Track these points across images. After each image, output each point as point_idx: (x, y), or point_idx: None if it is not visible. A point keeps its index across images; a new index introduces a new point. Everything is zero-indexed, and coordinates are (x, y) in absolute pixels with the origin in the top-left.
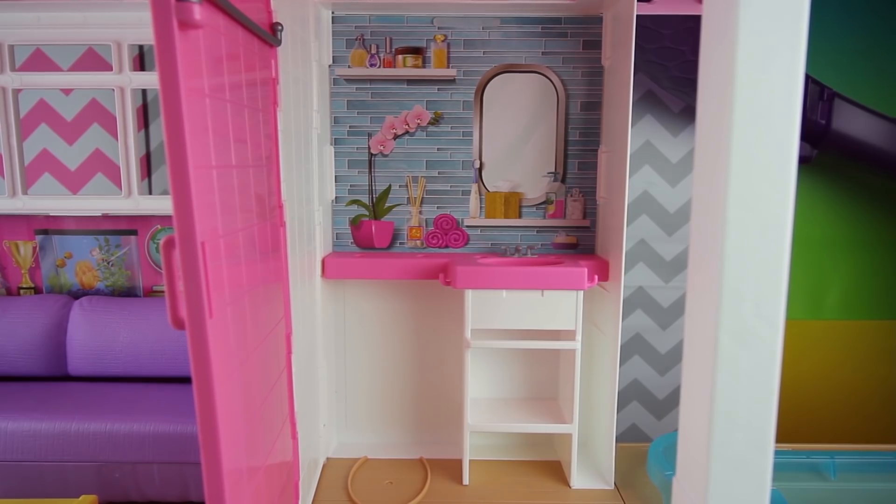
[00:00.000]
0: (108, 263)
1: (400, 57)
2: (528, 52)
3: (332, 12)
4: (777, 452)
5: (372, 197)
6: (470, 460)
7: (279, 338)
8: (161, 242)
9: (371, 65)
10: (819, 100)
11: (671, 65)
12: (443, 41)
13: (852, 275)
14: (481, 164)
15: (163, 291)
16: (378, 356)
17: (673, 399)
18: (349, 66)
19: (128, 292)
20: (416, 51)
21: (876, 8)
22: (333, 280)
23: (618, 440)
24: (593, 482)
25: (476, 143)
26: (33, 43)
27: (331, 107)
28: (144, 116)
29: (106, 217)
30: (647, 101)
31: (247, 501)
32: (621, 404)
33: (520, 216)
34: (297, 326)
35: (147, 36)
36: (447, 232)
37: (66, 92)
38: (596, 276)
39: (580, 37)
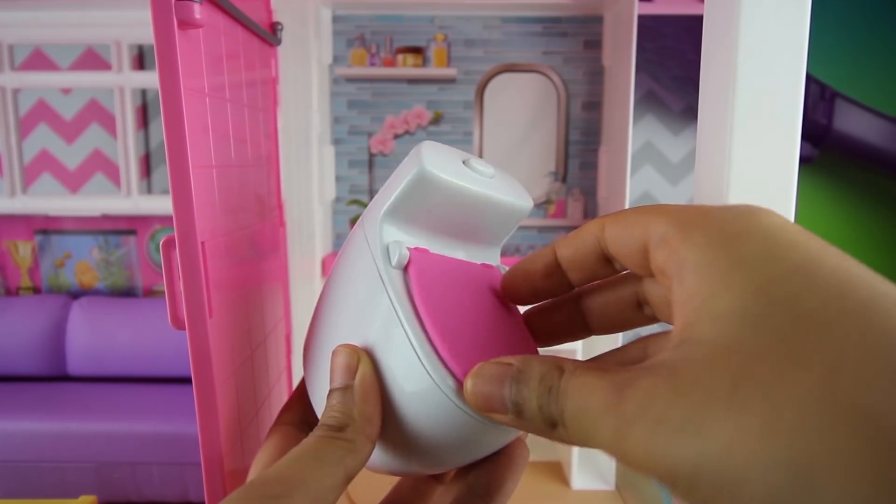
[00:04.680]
0: (108, 263)
1: (400, 56)
2: (529, 51)
3: (333, 11)
4: None
5: (372, 197)
6: None
7: (279, 338)
8: (161, 242)
9: (371, 64)
10: (820, 99)
11: (672, 64)
12: (443, 41)
13: None
14: None
15: (162, 291)
16: None
17: None
18: (349, 66)
19: (127, 292)
20: (417, 50)
21: (879, 6)
22: None
23: None
24: (594, 483)
25: (476, 143)
26: (32, 43)
27: (331, 107)
28: (144, 116)
29: (105, 217)
30: (648, 100)
31: None
32: None
33: None
34: (297, 327)
35: (147, 35)
36: None
37: (66, 91)
38: None
39: (581, 36)
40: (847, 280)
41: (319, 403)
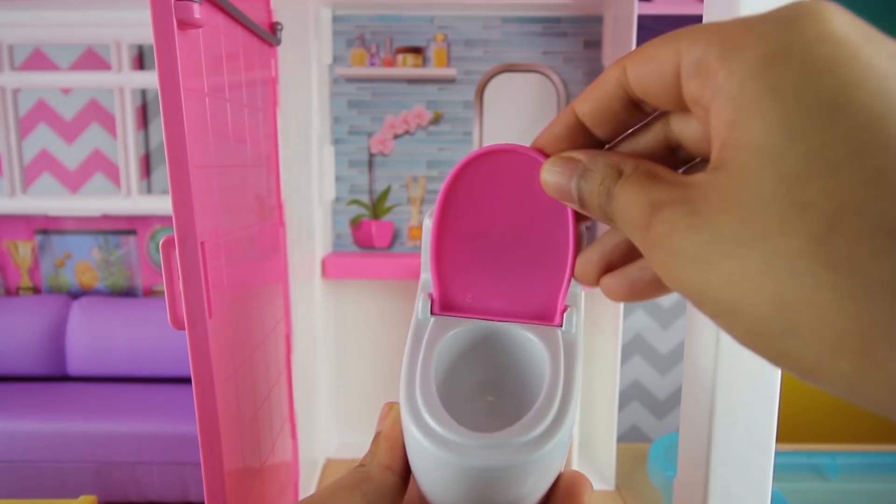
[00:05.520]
0: (108, 263)
1: (400, 56)
2: (529, 51)
3: (333, 11)
4: (777, 453)
5: (372, 197)
6: None
7: (279, 338)
8: (161, 242)
9: (371, 64)
10: None
11: None
12: (443, 41)
13: None
14: None
15: (162, 291)
16: (378, 356)
17: (673, 399)
18: (349, 66)
19: (127, 292)
20: (417, 50)
21: (879, 6)
22: (333, 280)
23: (618, 441)
24: (594, 483)
25: (476, 143)
26: (32, 43)
27: (331, 107)
28: (144, 116)
29: (105, 217)
30: None
31: (246, 503)
32: (621, 405)
33: None
34: (296, 326)
35: (147, 35)
36: None
37: (66, 91)
38: None
39: (581, 36)
40: (878, 113)
41: None
